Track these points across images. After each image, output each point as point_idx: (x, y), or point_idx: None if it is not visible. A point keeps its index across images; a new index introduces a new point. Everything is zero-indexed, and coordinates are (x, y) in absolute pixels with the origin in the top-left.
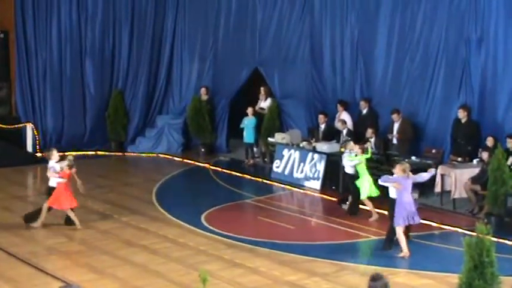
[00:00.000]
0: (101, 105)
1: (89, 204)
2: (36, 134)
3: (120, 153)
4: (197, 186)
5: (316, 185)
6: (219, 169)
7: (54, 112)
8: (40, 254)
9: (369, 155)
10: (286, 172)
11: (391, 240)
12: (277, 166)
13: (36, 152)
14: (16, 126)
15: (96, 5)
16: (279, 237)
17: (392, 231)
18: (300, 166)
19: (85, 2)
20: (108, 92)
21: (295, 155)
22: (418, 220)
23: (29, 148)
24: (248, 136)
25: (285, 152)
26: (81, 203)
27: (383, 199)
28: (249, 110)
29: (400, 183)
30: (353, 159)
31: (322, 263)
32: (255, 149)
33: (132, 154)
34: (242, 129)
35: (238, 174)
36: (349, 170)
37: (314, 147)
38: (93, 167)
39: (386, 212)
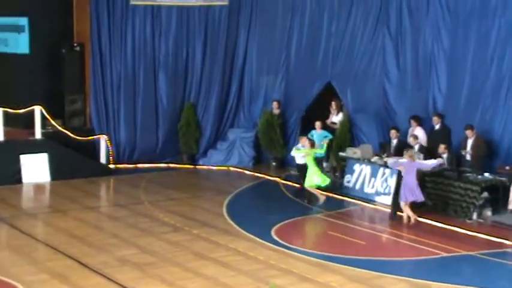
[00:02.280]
0: (173, 118)
1: (160, 216)
2: (109, 145)
3: (192, 166)
4: (268, 200)
5: (387, 200)
6: (290, 183)
7: (128, 124)
8: (112, 265)
9: (322, 151)
10: (357, 187)
11: (394, 213)
12: (348, 181)
13: (109, 164)
14: (90, 138)
15: (170, 19)
16: (349, 252)
17: (396, 206)
18: (371, 181)
19: (159, 15)
20: (181, 105)
21: (367, 170)
22: (421, 198)
23: (103, 160)
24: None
25: (356, 167)
26: (153, 215)
27: None
28: (317, 124)
29: (404, 167)
30: (300, 152)
31: (392, 279)
32: (325, 164)
33: (204, 167)
34: None
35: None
36: (299, 161)
37: (385, 162)
38: (164, 179)
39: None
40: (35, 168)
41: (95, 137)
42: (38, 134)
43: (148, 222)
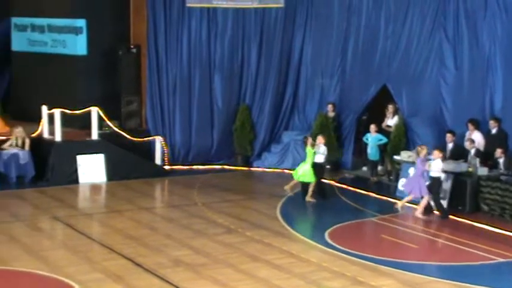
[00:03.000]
0: (228, 120)
1: (214, 217)
2: (164, 147)
3: (246, 168)
4: (322, 203)
5: (443, 204)
6: (344, 186)
7: (183, 126)
8: (166, 266)
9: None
10: None
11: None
12: (403, 185)
13: (165, 165)
14: (146, 139)
15: (226, 21)
16: (402, 256)
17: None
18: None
19: (215, 17)
20: (236, 106)
21: None
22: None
23: (158, 161)
24: (372, 153)
25: (411, 171)
26: (207, 216)
27: None
28: (372, 127)
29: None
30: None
31: (446, 284)
32: (379, 167)
33: (258, 169)
34: (366, 146)
35: (363, 191)
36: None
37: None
38: (219, 181)
39: None
40: (92, 168)
41: (150, 138)
42: (95, 135)
43: (202, 224)
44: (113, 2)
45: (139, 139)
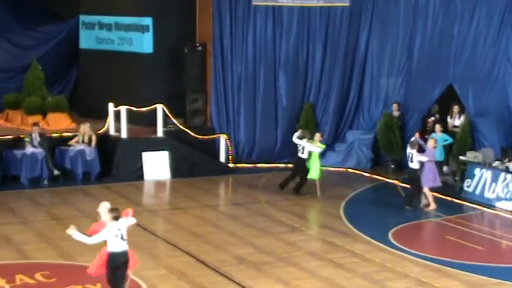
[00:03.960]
0: (292, 118)
1: (277, 216)
2: (229, 144)
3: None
4: (385, 203)
5: (508, 206)
6: (408, 186)
7: (247, 124)
8: (229, 263)
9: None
10: (477, 192)
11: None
12: (468, 185)
13: (229, 163)
14: (210, 137)
15: (291, 19)
16: (467, 257)
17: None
18: (491, 186)
19: (280, 16)
20: (300, 105)
21: (487, 174)
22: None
23: (222, 158)
24: (438, 154)
25: (477, 171)
26: (271, 215)
27: None
28: (437, 127)
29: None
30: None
31: (510, 286)
32: (445, 168)
33: (322, 168)
34: None
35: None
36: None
37: (507, 167)
38: (282, 179)
39: None
40: (156, 165)
41: (215, 136)
42: (160, 132)
43: (265, 222)
44: (179, 0)
45: (203, 137)
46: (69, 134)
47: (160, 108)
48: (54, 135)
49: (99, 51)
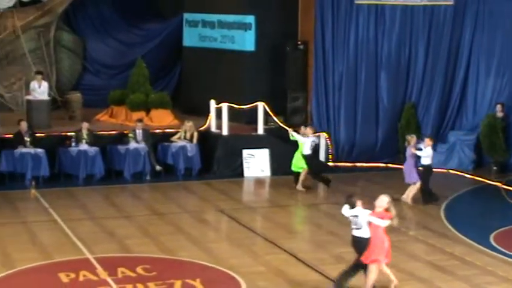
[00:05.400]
0: (393, 118)
1: None
2: (329, 143)
3: None
4: (487, 205)
5: None
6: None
7: (348, 123)
8: (328, 262)
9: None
10: None
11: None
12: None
13: (329, 161)
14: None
15: (394, 17)
16: None
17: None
18: None
19: (383, 15)
20: (401, 104)
21: None
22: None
23: (322, 157)
24: None
25: None
26: None
27: None
28: None
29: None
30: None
31: None
32: None
33: (420, 169)
34: None
35: None
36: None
37: None
38: (382, 179)
39: None
40: (257, 162)
41: (315, 134)
42: (260, 130)
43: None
44: None
45: None
46: (172, 130)
47: (261, 106)
48: (157, 131)
49: (201, 49)
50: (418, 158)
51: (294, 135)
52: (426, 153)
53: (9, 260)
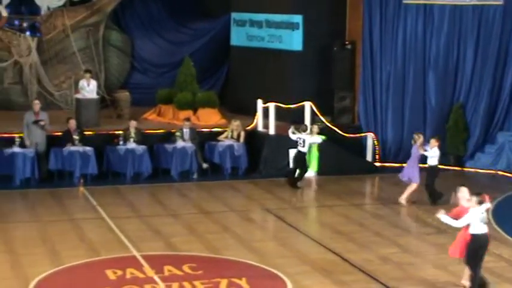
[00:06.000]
0: (441, 119)
1: (424, 217)
2: (376, 143)
3: (458, 168)
4: None
5: None
6: None
7: (395, 123)
8: (374, 263)
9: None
10: None
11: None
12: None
13: (375, 162)
14: (357, 135)
15: (442, 17)
16: None
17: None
18: None
19: (432, 14)
20: (449, 105)
21: None
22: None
23: (369, 157)
24: None
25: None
26: (417, 215)
27: None
28: None
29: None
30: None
31: None
32: None
33: (470, 169)
34: None
35: None
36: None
37: None
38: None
39: None
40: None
41: (362, 134)
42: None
43: (411, 222)
44: None
45: (351, 135)
46: (219, 129)
47: (308, 105)
48: (204, 130)
49: (249, 48)
50: (425, 158)
51: (292, 133)
52: (433, 154)
53: (57, 257)
